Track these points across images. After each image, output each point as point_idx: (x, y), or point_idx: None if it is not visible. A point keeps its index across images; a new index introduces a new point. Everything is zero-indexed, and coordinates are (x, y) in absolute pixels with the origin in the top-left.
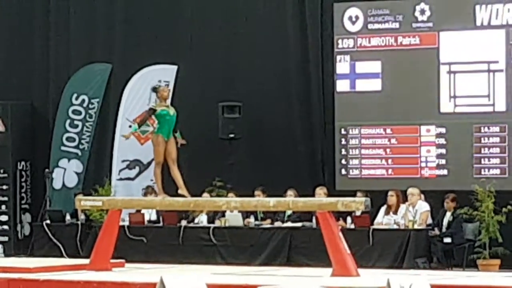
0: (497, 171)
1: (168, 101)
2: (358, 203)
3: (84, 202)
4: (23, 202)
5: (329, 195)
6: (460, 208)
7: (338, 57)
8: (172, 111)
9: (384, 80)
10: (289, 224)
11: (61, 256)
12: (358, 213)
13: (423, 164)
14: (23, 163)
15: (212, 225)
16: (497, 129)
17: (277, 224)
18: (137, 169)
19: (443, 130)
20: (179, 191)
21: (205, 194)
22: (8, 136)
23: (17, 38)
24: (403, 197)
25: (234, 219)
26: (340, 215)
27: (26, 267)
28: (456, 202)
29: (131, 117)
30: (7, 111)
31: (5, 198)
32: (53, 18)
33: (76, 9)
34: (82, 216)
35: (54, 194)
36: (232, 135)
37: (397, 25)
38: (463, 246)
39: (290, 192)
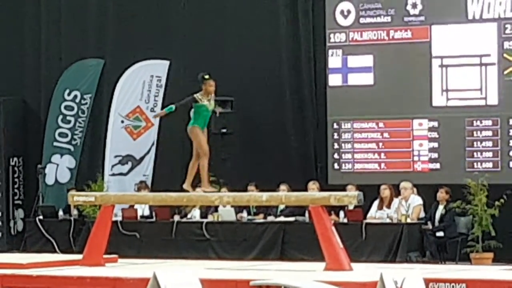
0: (490, 165)
1: (212, 96)
2: (351, 197)
3: (77, 198)
4: (15, 198)
5: (322, 189)
6: (452, 201)
7: (330, 51)
8: (211, 106)
9: (376, 74)
10: (282, 218)
11: (54, 251)
12: (351, 207)
13: (415, 158)
14: (15, 159)
15: (205, 220)
16: (489, 122)
17: (270, 218)
18: (129, 165)
19: (435, 123)
20: (202, 188)
21: (198, 189)
22: (0, 132)
23: (8, 33)
24: (396, 191)
25: (227, 214)
26: (333, 209)
27: (19, 263)
28: (449, 195)
29: (124, 112)
30: None
31: None
32: (44, 13)
33: (68, 4)
34: (75, 212)
35: (46, 190)
36: (224, 130)
37: (389, 19)
38: (456, 240)
39: (282, 187)
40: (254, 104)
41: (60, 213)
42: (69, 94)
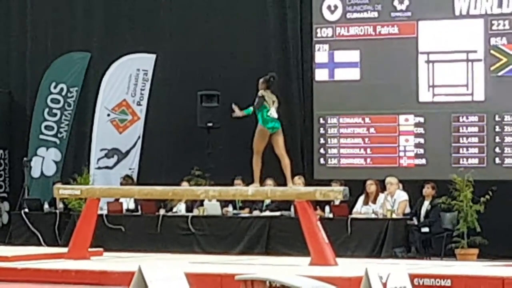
0: (476, 161)
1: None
2: (336, 192)
3: (63, 191)
4: (1, 190)
5: (307, 184)
6: (438, 197)
7: (317, 46)
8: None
9: (362, 69)
10: (267, 213)
11: (39, 244)
12: (336, 202)
13: (401, 154)
14: (1, 151)
15: (190, 214)
16: (475, 118)
17: (256, 213)
18: (115, 158)
19: (421, 119)
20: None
21: (184, 183)
22: None
23: None
24: (382, 186)
25: (212, 208)
26: (318, 204)
27: (4, 256)
28: (435, 191)
29: (110, 105)
30: None
31: None
32: (31, 6)
33: None
34: (60, 205)
35: (32, 183)
36: (210, 124)
37: (375, 14)
38: (441, 236)
39: (268, 181)
40: (240, 99)
41: (46, 206)
42: (55, 87)
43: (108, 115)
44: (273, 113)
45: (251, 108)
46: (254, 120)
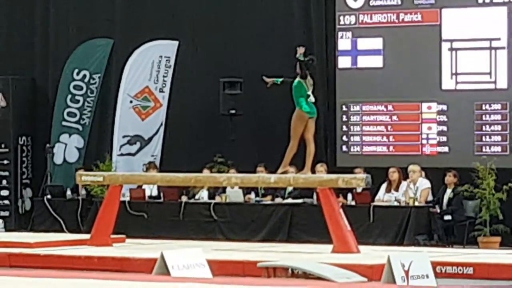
0: (498, 149)
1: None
2: (358, 180)
3: (85, 178)
4: (24, 177)
5: (330, 171)
6: (460, 185)
7: (340, 34)
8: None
9: (385, 57)
10: (289, 200)
11: (62, 231)
12: (359, 190)
13: (424, 141)
14: (24, 138)
15: (212, 201)
16: (498, 106)
17: (278, 200)
18: (138, 145)
19: (444, 107)
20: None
21: (206, 170)
22: (9, 111)
23: (18, 12)
24: (404, 174)
25: (234, 195)
26: (341, 191)
27: (27, 242)
28: (457, 179)
29: (132, 92)
30: (8, 85)
31: (6, 173)
32: None
33: None
34: (83, 192)
35: (55, 169)
36: (233, 111)
37: (399, 1)
38: (463, 224)
39: (291, 169)
40: (263, 85)
41: (68, 192)
42: (78, 74)
43: (131, 101)
44: (312, 97)
45: (279, 79)
46: (276, 108)
